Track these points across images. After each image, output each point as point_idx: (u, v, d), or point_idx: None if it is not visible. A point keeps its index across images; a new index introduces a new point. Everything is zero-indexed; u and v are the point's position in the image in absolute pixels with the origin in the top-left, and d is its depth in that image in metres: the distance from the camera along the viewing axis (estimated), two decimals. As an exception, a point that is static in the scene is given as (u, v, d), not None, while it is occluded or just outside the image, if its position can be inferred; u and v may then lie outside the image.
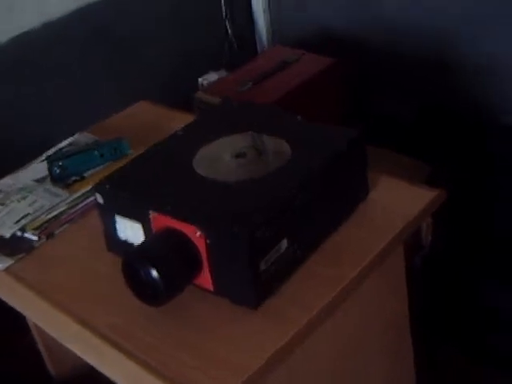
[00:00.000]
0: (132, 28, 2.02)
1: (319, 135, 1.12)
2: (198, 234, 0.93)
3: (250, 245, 0.90)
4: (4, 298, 1.16)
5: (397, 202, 1.15)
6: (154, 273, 0.91)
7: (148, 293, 0.94)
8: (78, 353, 1.01)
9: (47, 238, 1.19)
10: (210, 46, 2.26)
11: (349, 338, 1.12)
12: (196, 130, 1.18)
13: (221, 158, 1.07)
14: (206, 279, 0.97)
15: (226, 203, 0.97)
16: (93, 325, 1.00)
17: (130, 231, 1.04)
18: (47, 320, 1.09)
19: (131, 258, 0.94)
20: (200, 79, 2.01)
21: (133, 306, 0.97)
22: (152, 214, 0.98)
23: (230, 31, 2.28)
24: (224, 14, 2.26)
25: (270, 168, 1.04)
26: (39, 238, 1.18)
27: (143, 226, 1.01)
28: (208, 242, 0.93)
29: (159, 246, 0.95)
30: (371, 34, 2.15)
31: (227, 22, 2.26)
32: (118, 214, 1.04)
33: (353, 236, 1.09)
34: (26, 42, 1.77)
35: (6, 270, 1.14)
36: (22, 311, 1.14)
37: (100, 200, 1.06)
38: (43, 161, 1.37)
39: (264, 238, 0.93)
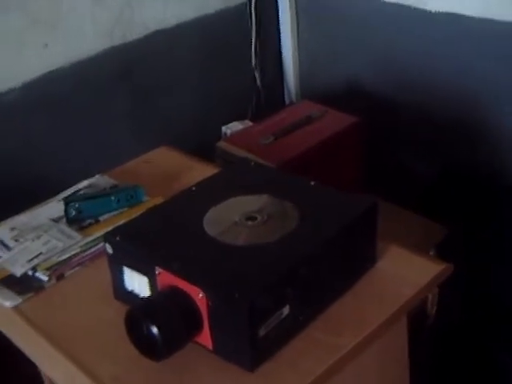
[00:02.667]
0: (158, 72, 2.05)
1: (331, 203, 1.14)
2: (201, 295, 0.95)
3: (250, 312, 0.91)
4: (9, 336, 1.18)
5: (403, 272, 1.15)
6: (155, 330, 0.93)
7: (148, 347, 0.96)
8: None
9: (57, 279, 1.21)
10: (237, 94, 2.28)
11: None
12: (210, 187, 1.20)
13: (231, 220, 1.09)
14: (206, 338, 0.99)
15: (231, 267, 0.98)
16: (96, 376, 1.01)
17: (137, 283, 1.06)
18: (50, 365, 1.11)
19: (134, 314, 0.96)
20: (223, 128, 2.03)
21: (135, 357, 0.98)
22: (158, 271, 1.00)
23: (258, 81, 2.31)
24: (253, 63, 2.29)
25: (279, 234, 1.05)
26: (49, 278, 1.20)
27: (149, 280, 1.03)
28: (209, 304, 0.95)
29: (162, 304, 0.97)
30: (398, 91, 2.17)
31: (256, 72, 2.29)
32: (126, 265, 1.06)
33: (356, 304, 1.09)
34: (53, 81, 1.81)
35: (14, 308, 1.16)
36: (25, 351, 1.16)
37: (109, 250, 1.08)
38: (60, 200, 1.39)
39: (265, 305, 0.94)
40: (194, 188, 1.19)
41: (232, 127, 2.02)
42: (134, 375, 1.00)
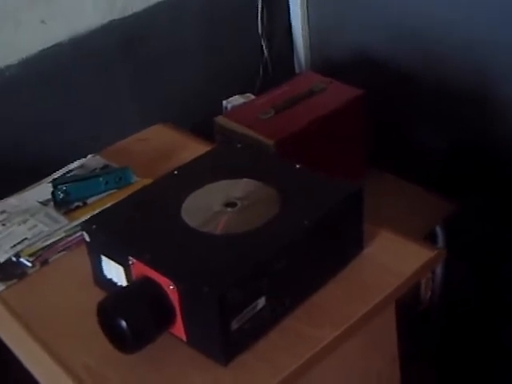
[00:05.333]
0: (159, 45, 1.99)
1: (316, 188, 1.10)
2: (172, 287, 0.92)
3: (220, 306, 0.89)
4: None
5: (392, 260, 1.11)
6: (123, 323, 0.91)
7: (118, 340, 0.94)
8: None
9: (41, 265, 1.19)
10: (243, 67, 2.21)
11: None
12: (192, 170, 1.17)
13: (209, 206, 1.06)
14: (179, 330, 0.97)
15: (204, 259, 0.95)
16: (69, 365, 1.00)
17: (114, 272, 1.04)
18: (26, 353, 1.10)
19: (103, 307, 0.94)
20: (224, 102, 1.97)
21: (110, 347, 0.96)
22: (131, 261, 0.98)
23: (265, 52, 2.23)
24: (260, 32, 2.21)
25: (259, 221, 1.01)
26: (33, 264, 1.19)
27: (125, 270, 1.01)
28: (180, 296, 0.92)
29: (132, 297, 0.95)
30: (410, 61, 2.10)
31: (263, 42, 2.21)
32: (103, 254, 1.04)
33: (340, 293, 1.06)
34: (52, 56, 1.78)
35: (-3, 295, 1.15)
36: (3, 338, 1.15)
37: (87, 238, 1.06)
38: (50, 182, 1.37)
39: (237, 297, 0.91)
40: (175, 172, 1.16)
41: (233, 101, 1.96)
42: (106, 364, 0.98)
